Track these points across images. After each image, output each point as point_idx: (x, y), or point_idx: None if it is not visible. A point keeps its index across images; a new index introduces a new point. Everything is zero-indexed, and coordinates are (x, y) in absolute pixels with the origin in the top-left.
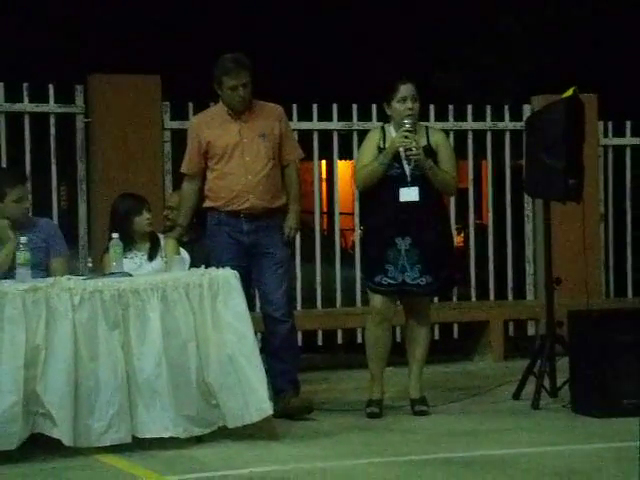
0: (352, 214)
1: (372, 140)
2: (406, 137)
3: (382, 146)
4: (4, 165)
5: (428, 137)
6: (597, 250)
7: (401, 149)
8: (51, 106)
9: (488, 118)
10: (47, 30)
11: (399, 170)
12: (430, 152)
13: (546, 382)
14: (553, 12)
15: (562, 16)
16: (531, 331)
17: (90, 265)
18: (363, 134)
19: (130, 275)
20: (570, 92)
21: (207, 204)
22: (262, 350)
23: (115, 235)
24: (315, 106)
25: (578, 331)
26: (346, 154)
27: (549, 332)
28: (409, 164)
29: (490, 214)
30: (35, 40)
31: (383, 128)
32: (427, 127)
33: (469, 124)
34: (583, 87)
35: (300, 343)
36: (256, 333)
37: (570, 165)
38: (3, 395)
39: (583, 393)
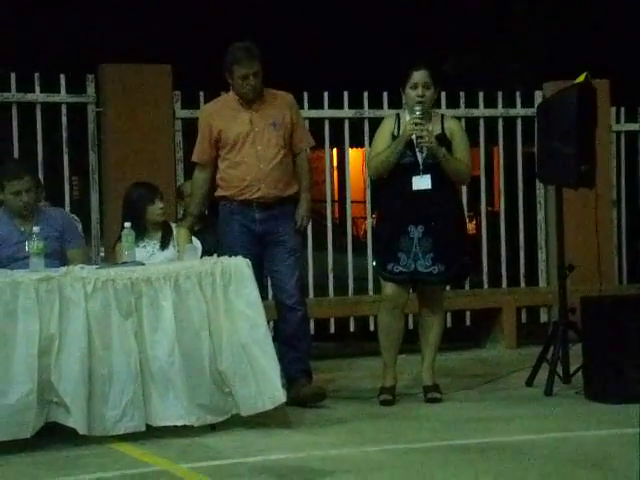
0: (364, 202)
1: (386, 127)
2: (416, 124)
3: (396, 133)
4: (16, 156)
5: (443, 125)
6: (610, 236)
7: (414, 137)
8: (62, 96)
9: (499, 105)
10: (58, 20)
11: (412, 158)
12: (444, 140)
13: (559, 369)
14: None
15: (574, 1)
16: (544, 318)
17: (102, 254)
18: (374, 122)
19: (142, 264)
20: (582, 78)
21: (219, 193)
22: (274, 338)
23: (127, 224)
24: (326, 94)
25: (591, 317)
26: (357, 142)
27: (562, 319)
28: (422, 152)
29: (502, 201)
30: (46, 30)
31: (398, 115)
32: (442, 115)
33: (480, 111)
34: (595, 73)
35: (312, 331)
36: (268, 321)
37: (582, 151)
38: (18, 384)
39: (596, 379)
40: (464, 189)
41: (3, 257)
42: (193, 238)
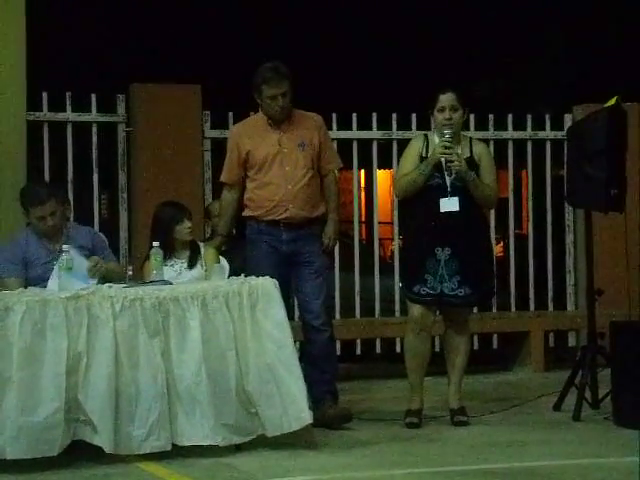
0: (391, 223)
1: (414, 148)
2: (446, 147)
3: (424, 154)
4: (47, 175)
5: (471, 148)
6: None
7: (442, 159)
8: (93, 115)
9: (529, 127)
10: (89, 40)
11: (440, 180)
12: (472, 164)
13: (587, 394)
14: (596, 21)
15: (605, 24)
16: (572, 342)
17: (130, 273)
18: (402, 143)
19: (170, 283)
20: (613, 101)
21: (247, 213)
22: (300, 359)
23: (156, 243)
24: (354, 115)
25: (620, 342)
26: (385, 163)
27: (590, 343)
28: (450, 174)
29: (530, 224)
30: (77, 50)
31: (426, 136)
32: (470, 138)
33: (509, 133)
34: (626, 96)
35: (338, 352)
36: (295, 342)
37: (612, 175)
38: (45, 402)
39: (625, 405)
40: (492, 211)
41: (32, 277)
42: (221, 258)
